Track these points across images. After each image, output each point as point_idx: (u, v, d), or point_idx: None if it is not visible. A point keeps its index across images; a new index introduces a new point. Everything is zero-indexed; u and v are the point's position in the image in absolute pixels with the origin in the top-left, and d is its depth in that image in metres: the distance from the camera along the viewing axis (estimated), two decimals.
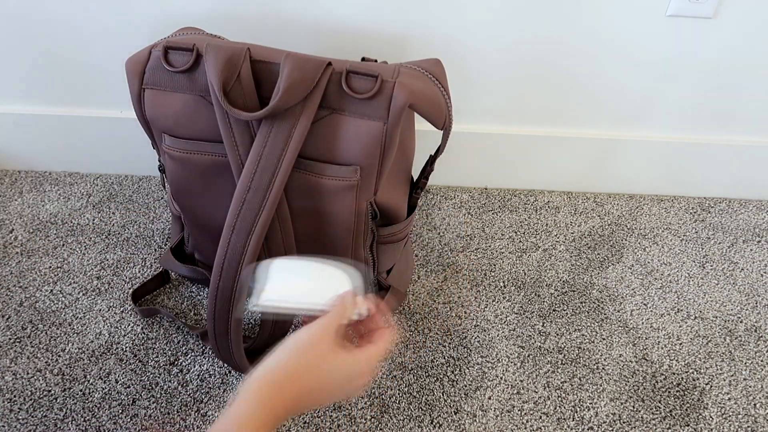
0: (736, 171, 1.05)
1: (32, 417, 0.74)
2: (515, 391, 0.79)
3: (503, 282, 0.93)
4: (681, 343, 0.86)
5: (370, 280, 0.79)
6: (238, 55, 0.62)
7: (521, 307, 0.89)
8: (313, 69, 0.61)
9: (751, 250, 1.00)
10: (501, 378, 0.81)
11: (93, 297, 0.87)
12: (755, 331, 0.88)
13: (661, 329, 0.88)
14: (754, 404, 0.80)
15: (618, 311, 0.90)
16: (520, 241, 0.99)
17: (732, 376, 0.83)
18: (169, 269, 0.86)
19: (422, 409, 0.77)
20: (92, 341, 0.82)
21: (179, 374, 0.79)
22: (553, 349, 0.84)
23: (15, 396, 0.76)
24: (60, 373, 0.78)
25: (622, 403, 0.79)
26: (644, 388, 0.81)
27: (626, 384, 0.81)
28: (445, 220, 1.02)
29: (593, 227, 1.02)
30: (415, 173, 0.78)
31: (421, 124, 0.76)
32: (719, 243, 1.01)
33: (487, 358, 0.83)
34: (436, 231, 1.00)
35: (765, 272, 0.96)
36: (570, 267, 0.95)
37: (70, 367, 0.79)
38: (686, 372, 0.83)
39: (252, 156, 0.63)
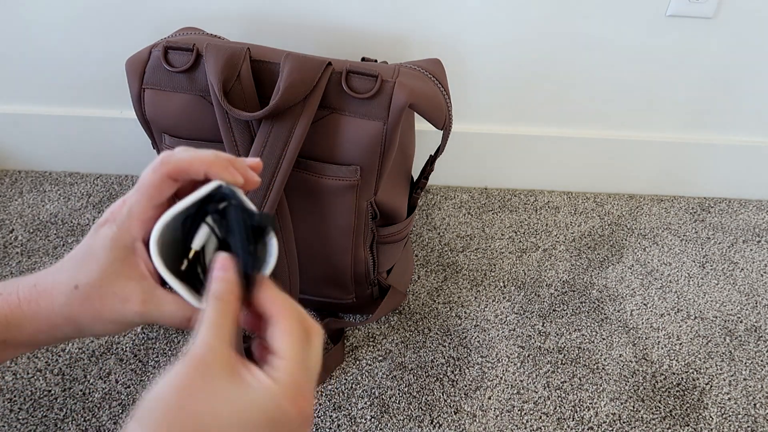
0: (736, 171, 1.05)
1: (32, 417, 0.74)
2: (515, 391, 0.79)
3: (503, 282, 0.93)
4: (681, 343, 0.86)
5: (371, 279, 0.79)
6: (238, 55, 0.62)
7: (521, 307, 0.89)
8: (313, 69, 0.61)
9: (751, 250, 1.00)
10: (501, 378, 0.81)
11: None
12: (755, 331, 0.88)
13: (661, 329, 0.88)
14: (754, 404, 0.80)
15: (618, 311, 0.90)
16: (520, 241, 0.99)
17: (732, 376, 0.83)
18: None
19: (422, 409, 0.77)
20: (92, 341, 0.82)
21: None
22: (553, 349, 0.84)
23: (15, 396, 0.76)
24: (60, 373, 0.78)
25: (622, 403, 0.79)
26: (644, 388, 0.81)
27: (626, 384, 0.81)
28: (445, 220, 1.02)
29: (593, 227, 1.02)
30: (415, 173, 0.78)
31: (421, 124, 0.76)
32: (719, 243, 1.01)
33: (487, 358, 0.83)
34: (436, 231, 1.00)
35: (765, 272, 0.96)
36: (570, 267, 0.95)
37: (70, 367, 0.79)
38: (686, 372, 0.83)
39: (252, 156, 0.63)
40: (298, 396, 0.31)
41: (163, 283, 0.37)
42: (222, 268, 0.34)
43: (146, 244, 0.36)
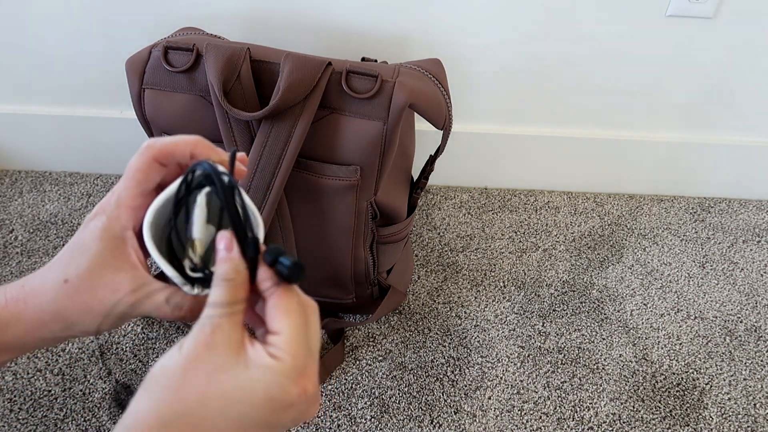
0: (736, 171, 1.05)
1: (32, 417, 0.74)
2: (515, 391, 0.79)
3: (503, 282, 0.93)
4: (681, 343, 0.86)
5: (371, 279, 0.79)
6: (238, 55, 0.62)
7: (521, 307, 0.89)
8: (313, 69, 0.61)
9: (751, 250, 1.00)
10: (501, 378, 0.81)
11: None
12: (755, 331, 0.88)
13: (661, 329, 0.88)
14: (754, 404, 0.80)
15: (618, 311, 0.90)
16: (520, 241, 0.99)
17: (732, 376, 0.83)
18: None
19: (422, 409, 0.77)
20: (92, 341, 0.82)
21: None
22: (553, 349, 0.84)
23: (15, 396, 0.76)
24: (60, 373, 0.78)
25: (622, 403, 0.79)
26: (644, 388, 0.81)
27: (626, 384, 0.81)
28: (445, 220, 1.02)
29: (593, 227, 1.02)
30: (415, 173, 0.78)
31: (421, 124, 0.76)
32: (719, 243, 1.01)
33: (487, 358, 0.83)
34: (436, 231, 1.00)
35: (765, 272, 0.96)
36: (570, 267, 0.95)
37: (70, 367, 0.79)
38: (686, 372, 0.83)
39: (252, 156, 0.63)
40: (301, 375, 0.31)
41: (160, 276, 0.37)
42: (226, 248, 0.34)
43: (137, 234, 0.36)
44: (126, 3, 0.85)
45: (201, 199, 0.35)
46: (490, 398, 0.78)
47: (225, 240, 0.34)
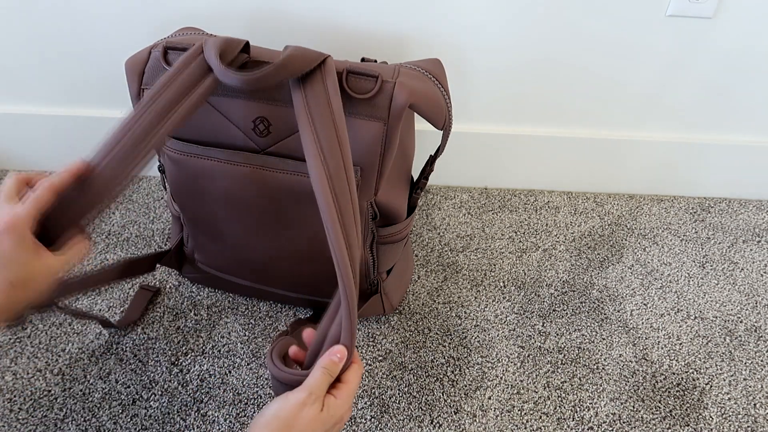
0: (736, 171, 1.05)
1: (32, 417, 0.74)
2: (515, 391, 0.79)
3: (503, 282, 0.93)
4: (681, 343, 0.86)
5: (370, 279, 0.79)
6: (237, 41, 0.61)
7: (521, 307, 0.89)
8: (314, 54, 0.60)
9: (751, 250, 1.00)
10: (501, 378, 0.81)
11: (93, 297, 0.87)
12: (755, 331, 0.88)
13: (661, 329, 0.88)
14: (754, 404, 0.80)
15: (618, 311, 0.90)
16: (520, 241, 0.99)
17: (732, 376, 0.83)
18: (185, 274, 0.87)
19: (422, 409, 0.77)
20: (92, 341, 0.82)
21: (179, 374, 0.79)
22: (553, 349, 0.84)
23: (15, 396, 0.76)
24: (60, 373, 0.78)
25: (622, 403, 0.79)
26: (644, 388, 0.81)
27: (626, 384, 0.81)
28: (445, 220, 1.02)
29: (593, 227, 1.03)
30: (415, 173, 0.78)
31: (421, 124, 0.76)
32: (719, 243, 1.01)
33: (487, 358, 0.83)
34: (436, 231, 1.00)
35: (765, 272, 0.96)
36: (570, 267, 0.95)
37: (70, 367, 0.79)
38: (686, 372, 0.83)
39: (303, 119, 0.58)
40: (347, 411, 0.55)
41: None
42: (340, 359, 0.55)
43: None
44: (126, 3, 0.85)
45: None
46: (490, 398, 0.79)
47: (339, 353, 0.54)
